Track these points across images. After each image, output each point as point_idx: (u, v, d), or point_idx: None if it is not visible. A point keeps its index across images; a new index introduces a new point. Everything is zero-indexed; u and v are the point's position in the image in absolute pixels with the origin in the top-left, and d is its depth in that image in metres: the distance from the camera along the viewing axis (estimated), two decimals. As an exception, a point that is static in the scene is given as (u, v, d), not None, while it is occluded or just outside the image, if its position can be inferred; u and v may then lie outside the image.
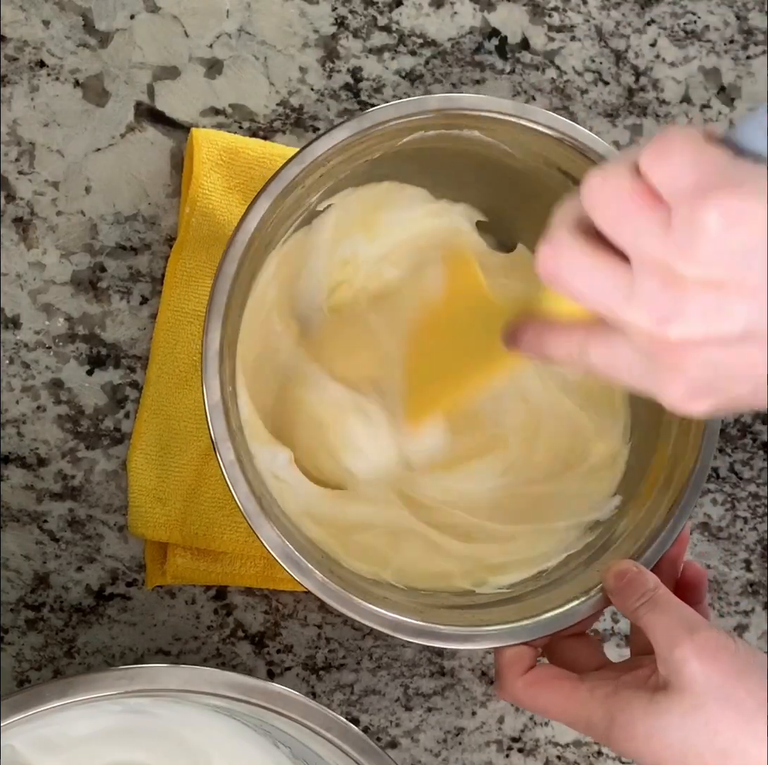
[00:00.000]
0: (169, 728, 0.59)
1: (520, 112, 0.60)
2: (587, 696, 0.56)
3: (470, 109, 0.60)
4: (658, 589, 0.57)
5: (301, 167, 0.58)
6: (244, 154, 0.66)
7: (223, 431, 0.56)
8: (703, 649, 0.54)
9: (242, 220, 0.57)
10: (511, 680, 0.59)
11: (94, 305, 0.66)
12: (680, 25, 0.73)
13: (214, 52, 0.68)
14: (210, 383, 0.56)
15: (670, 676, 0.54)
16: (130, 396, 0.66)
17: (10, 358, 0.65)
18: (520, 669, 0.59)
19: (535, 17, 0.71)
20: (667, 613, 0.56)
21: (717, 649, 0.54)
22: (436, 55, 0.70)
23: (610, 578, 0.59)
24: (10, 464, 0.65)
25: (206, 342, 0.56)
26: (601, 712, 0.56)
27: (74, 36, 0.66)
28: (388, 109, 0.59)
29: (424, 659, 0.69)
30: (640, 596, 0.57)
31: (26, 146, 0.66)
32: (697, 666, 0.54)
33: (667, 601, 0.57)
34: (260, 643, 0.68)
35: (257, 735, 0.60)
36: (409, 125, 0.60)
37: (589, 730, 0.56)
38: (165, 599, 0.66)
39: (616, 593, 0.59)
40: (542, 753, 0.70)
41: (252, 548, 0.65)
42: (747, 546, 0.73)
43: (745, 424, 0.73)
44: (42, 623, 0.65)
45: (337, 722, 0.55)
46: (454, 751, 0.69)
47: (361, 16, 0.69)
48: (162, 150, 0.67)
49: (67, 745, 0.59)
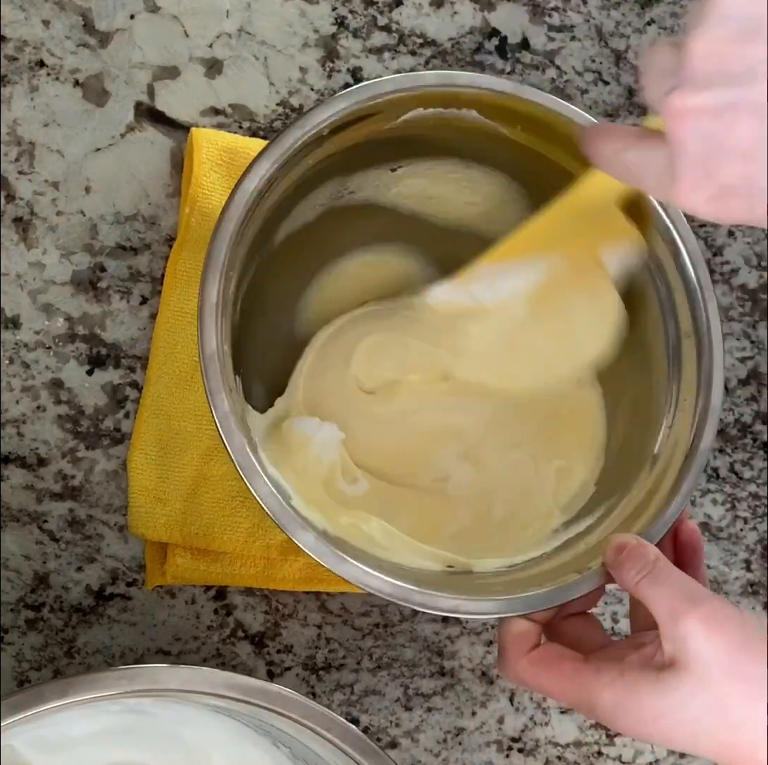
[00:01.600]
0: (169, 728, 0.59)
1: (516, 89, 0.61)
2: (592, 678, 0.55)
3: (467, 86, 0.60)
4: (658, 562, 0.56)
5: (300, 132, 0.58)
6: (244, 154, 0.66)
7: (218, 383, 0.56)
8: (708, 620, 0.53)
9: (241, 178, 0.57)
10: (514, 658, 0.57)
11: (94, 305, 0.66)
12: (680, 25, 0.73)
13: (214, 52, 0.68)
14: (206, 334, 0.56)
15: (676, 651, 0.53)
16: (130, 396, 0.66)
17: (10, 358, 0.65)
18: (524, 647, 0.58)
19: (535, 17, 0.71)
20: (668, 585, 0.55)
21: (723, 620, 0.53)
22: (436, 55, 0.70)
23: (610, 551, 0.58)
24: (10, 464, 0.65)
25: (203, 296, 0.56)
26: (608, 696, 0.54)
27: (74, 36, 0.66)
28: (386, 82, 0.60)
29: (424, 659, 0.69)
30: (641, 569, 0.56)
31: (26, 146, 0.66)
32: (702, 639, 0.52)
33: (669, 573, 0.55)
34: (260, 643, 0.68)
35: (257, 735, 0.60)
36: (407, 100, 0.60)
37: (593, 712, 0.55)
38: (165, 599, 0.66)
39: (616, 566, 0.57)
40: (542, 753, 0.70)
41: (252, 548, 0.65)
42: (747, 546, 0.73)
43: (745, 424, 0.73)
44: (42, 623, 0.65)
45: (337, 722, 0.55)
46: (454, 751, 0.69)
47: (361, 16, 0.70)
48: (162, 150, 0.67)
49: (67, 745, 0.59)
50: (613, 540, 0.58)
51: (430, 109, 0.61)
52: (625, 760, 0.72)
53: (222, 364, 0.56)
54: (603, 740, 0.71)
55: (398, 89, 0.60)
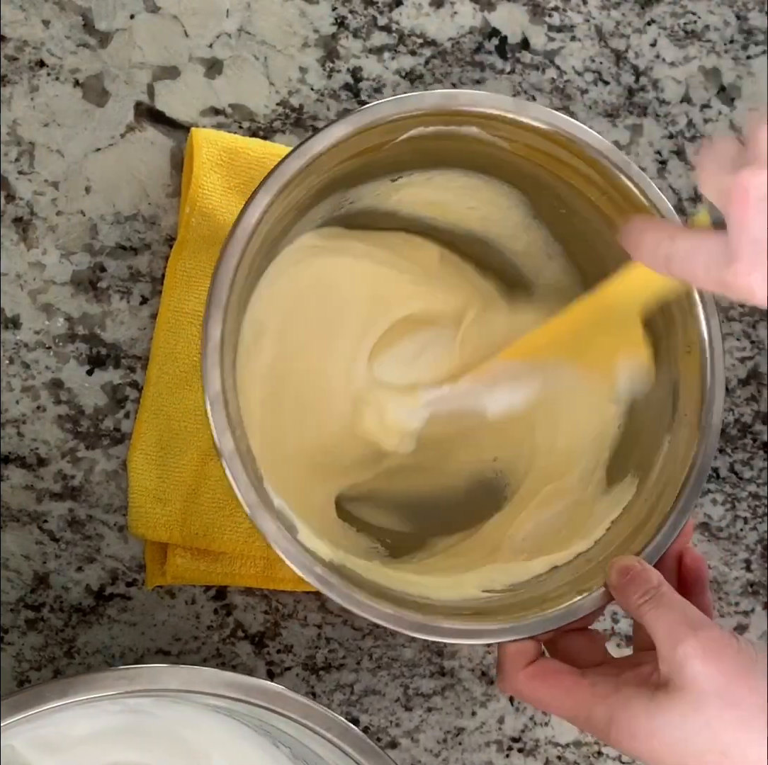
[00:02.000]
0: (169, 728, 0.59)
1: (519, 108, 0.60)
2: (588, 692, 0.56)
3: (468, 106, 0.60)
4: (661, 587, 0.57)
5: (299, 163, 0.57)
6: (244, 154, 0.66)
7: (222, 422, 0.56)
8: (706, 647, 0.54)
9: (241, 214, 0.57)
10: (512, 673, 0.58)
11: (94, 305, 0.66)
12: (680, 25, 0.73)
13: (214, 52, 0.68)
14: (210, 374, 0.56)
15: (672, 674, 0.54)
16: (130, 396, 0.66)
17: (10, 358, 0.65)
18: (522, 661, 0.58)
19: (535, 17, 0.71)
20: (670, 611, 0.56)
21: (720, 648, 0.54)
22: (436, 55, 0.70)
23: (614, 574, 0.59)
24: (10, 464, 0.65)
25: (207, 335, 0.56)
26: (602, 710, 0.55)
27: (74, 36, 0.66)
28: (387, 104, 0.59)
29: (424, 659, 0.69)
30: (643, 593, 0.57)
31: (26, 146, 0.66)
32: (699, 665, 0.53)
33: (671, 599, 0.56)
34: (260, 643, 0.68)
35: (257, 735, 0.60)
36: (408, 121, 0.60)
37: (589, 726, 0.56)
38: (165, 599, 0.66)
39: (619, 589, 0.58)
40: (542, 753, 0.70)
41: (252, 548, 0.65)
42: (747, 546, 0.73)
43: (745, 424, 0.73)
44: (42, 623, 0.65)
45: (337, 722, 0.55)
46: (454, 751, 0.69)
47: (361, 16, 0.69)
48: (162, 150, 0.67)
49: (67, 745, 0.59)
50: (617, 562, 0.59)
51: (431, 127, 0.60)
52: (625, 761, 0.72)
53: (225, 403, 0.56)
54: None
55: (399, 112, 0.59)
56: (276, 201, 0.57)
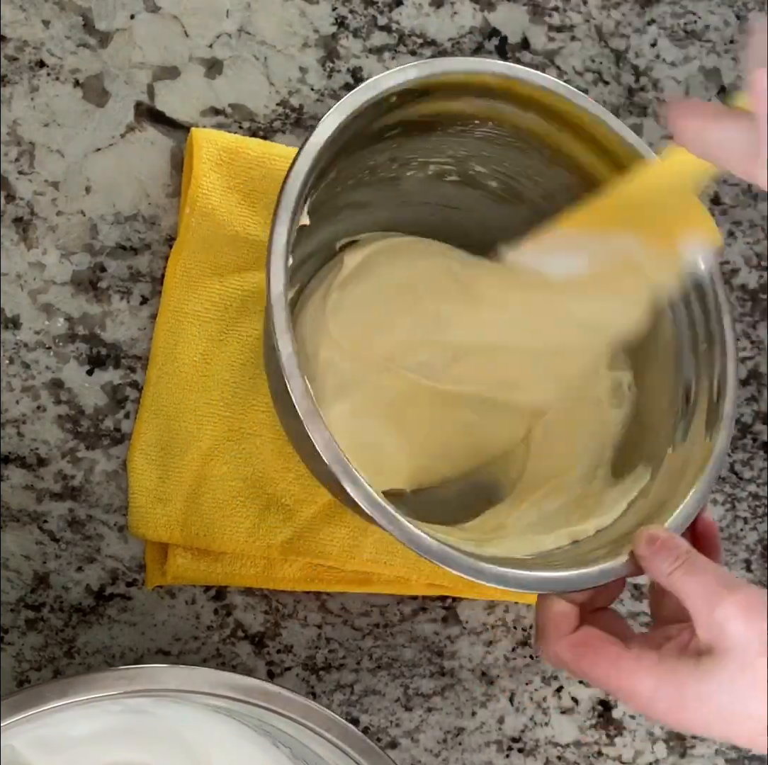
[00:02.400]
0: (169, 728, 0.59)
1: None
2: (634, 664, 0.55)
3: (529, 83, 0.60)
4: (690, 552, 0.56)
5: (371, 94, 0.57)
6: (244, 154, 0.66)
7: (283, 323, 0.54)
8: (745, 606, 0.53)
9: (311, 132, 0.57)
10: (555, 638, 0.57)
11: (94, 305, 0.66)
12: (680, 25, 0.73)
13: (214, 52, 0.68)
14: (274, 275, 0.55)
15: (713, 638, 0.53)
16: (130, 396, 0.66)
17: (10, 358, 0.65)
18: (565, 628, 0.57)
19: (535, 17, 0.71)
20: (703, 575, 0.55)
21: (759, 605, 0.53)
22: (436, 55, 0.70)
23: (642, 543, 0.58)
24: (10, 464, 0.65)
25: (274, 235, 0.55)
26: (649, 682, 0.54)
27: (74, 36, 0.66)
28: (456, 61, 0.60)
29: (424, 659, 0.69)
30: (675, 559, 0.56)
31: (26, 146, 0.66)
32: (741, 624, 0.53)
33: (702, 563, 0.56)
34: (260, 643, 0.68)
35: (257, 735, 0.60)
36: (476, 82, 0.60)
37: (631, 698, 0.55)
38: (165, 599, 0.66)
39: (649, 558, 0.57)
40: (542, 753, 0.70)
41: (252, 548, 0.65)
42: (747, 546, 0.73)
43: (745, 424, 0.73)
44: (42, 623, 0.65)
45: (337, 722, 0.55)
46: (454, 751, 0.69)
47: (361, 16, 0.70)
48: (162, 150, 0.67)
49: (67, 745, 0.59)
50: (643, 532, 0.58)
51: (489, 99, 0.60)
52: (625, 760, 0.72)
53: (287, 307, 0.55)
54: (603, 740, 0.71)
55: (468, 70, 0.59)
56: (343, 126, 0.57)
